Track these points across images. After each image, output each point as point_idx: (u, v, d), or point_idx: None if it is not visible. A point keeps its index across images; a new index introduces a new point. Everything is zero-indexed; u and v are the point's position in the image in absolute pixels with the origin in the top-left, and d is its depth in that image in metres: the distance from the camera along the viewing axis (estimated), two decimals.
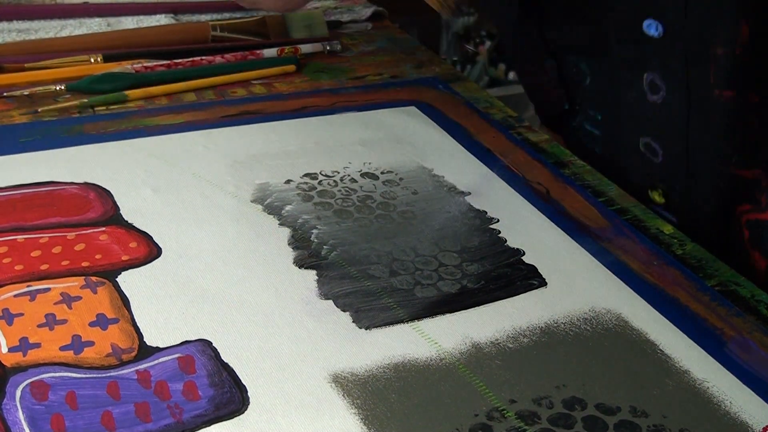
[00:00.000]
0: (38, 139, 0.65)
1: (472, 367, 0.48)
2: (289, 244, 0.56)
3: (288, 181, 0.62)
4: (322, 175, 0.63)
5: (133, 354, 0.47)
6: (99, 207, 0.58)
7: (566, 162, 0.68)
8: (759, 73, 0.61)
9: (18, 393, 0.44)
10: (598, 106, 0.74)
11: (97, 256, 0.54)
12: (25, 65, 0.75)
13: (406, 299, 0.53)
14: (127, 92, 0.72)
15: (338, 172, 0.63)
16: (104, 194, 0.60)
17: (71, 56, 0.77)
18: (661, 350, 0.50)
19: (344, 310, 0.51)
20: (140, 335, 0.48)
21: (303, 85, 0.77)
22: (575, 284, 0.55)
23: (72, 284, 0.51)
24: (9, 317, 0.49)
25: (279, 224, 0.58)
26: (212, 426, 0.44)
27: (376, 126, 0.70)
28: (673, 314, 0.53)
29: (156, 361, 0.47)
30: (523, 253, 0.57)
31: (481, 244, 0.57)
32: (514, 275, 0.55)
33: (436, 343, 0.50)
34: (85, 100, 0.70)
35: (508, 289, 0.53)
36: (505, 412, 0.45)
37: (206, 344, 0.48)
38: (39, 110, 0.69)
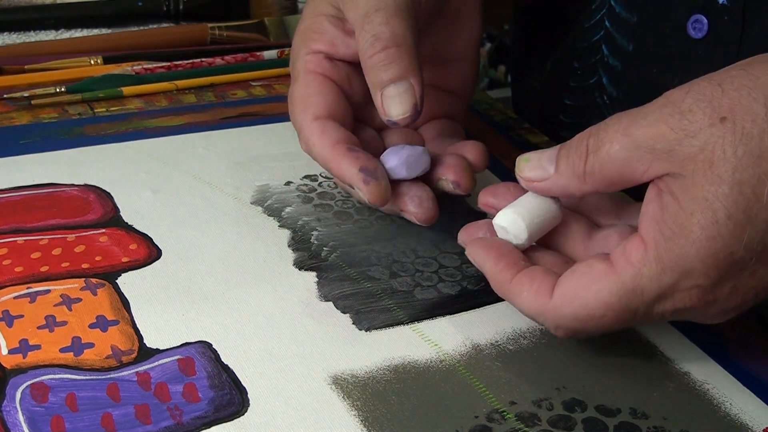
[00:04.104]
0: (38, 140, 0.65)
1: (472, 368, 0.48)
2: (289, 246, 0.56)
3: (288, 183, 0.62)
4: (322, 176, 0.63)
5: (133, 356, 0.47)
6: (99, 209, 0.58)
7: None
8: None
9: (18, 395, 0.44)
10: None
11: (97, 258, 0.54)
12: (25, 67, 0.75)
13: (406, 301, 0.52)
14: (123, 89, 0.72)
15: None
16: (104, 196, 0.60)
17: (71, 58, 0.77)
18: (661, 352, 0.50)
19: (344, 312, 0.51)
20: (140, 337, 0.48)
21: None
22: None
23: (72, 286, 0.51)
24: (9, 319, 0.49)
25: (279, 226, 0.58)
26: (212, 428, 0.43)
27: None
28: None
29: (156, 363, 0.47)
30: None
31: None
32: None
33: (436, 344, 0.50)
34: (79, 97, 0.71)
35: None
36: (505, 413, 0.45)
37: (206, 346, 0.48)
38: (33, 102, 0.69)
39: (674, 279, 0.44)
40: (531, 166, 0.47)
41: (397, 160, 0.53)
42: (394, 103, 0.53)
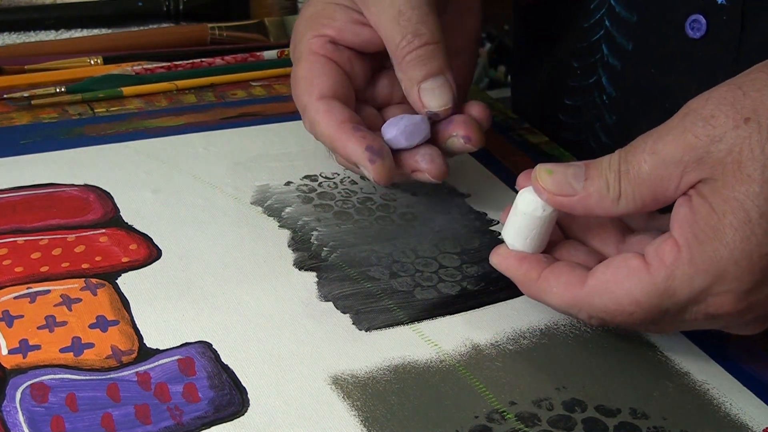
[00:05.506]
0: (38, 141, 0.65)
1: (472, 368, 0.48)
2: (289, 246, 0.56)
3: (288, 183, 0.62)
4: (322, 176, 0.63)
5: (133, 356, 0.47)
6: (99, 209, 0.58)
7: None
8: None
9: (18, 395, 0.44)
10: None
11: (97, 258, 0.54)
12: (25, 67, 0.75)
13: (406, 301, 0.52)
14: (123, 89, 0.73)
15: (338, 174, 0.63)
16: (104, 196, 0.60)
17: (71, 58, 0.77)
18: (661, 352, 0.50)
19: (344, 312, 0.51)
20: (140, 337, 0.48)
21: None
22: None
23: (72, 286, 0.51)
24: (9, 319, 0.49)
25: (279, 226, 0.58)
26: (212, 428, 0.43)
27: None
28: None
29: (156, 363, 0.47)
30: None
31: (481, 246, 0.57)
32: None
33: (436, 344, 0.50)
34: (79, 97, 0.71)
35: (508, 290, 0.53)
36: (505, 413, 0.45)
37: (206, 346, 0.48)
38: (33, 102, 0.69)
39: (707, 282, 0.44)
40: (555, 180, 0.47)
41: (395, 130, 0.54)
42: (433, 95, 0.55)
